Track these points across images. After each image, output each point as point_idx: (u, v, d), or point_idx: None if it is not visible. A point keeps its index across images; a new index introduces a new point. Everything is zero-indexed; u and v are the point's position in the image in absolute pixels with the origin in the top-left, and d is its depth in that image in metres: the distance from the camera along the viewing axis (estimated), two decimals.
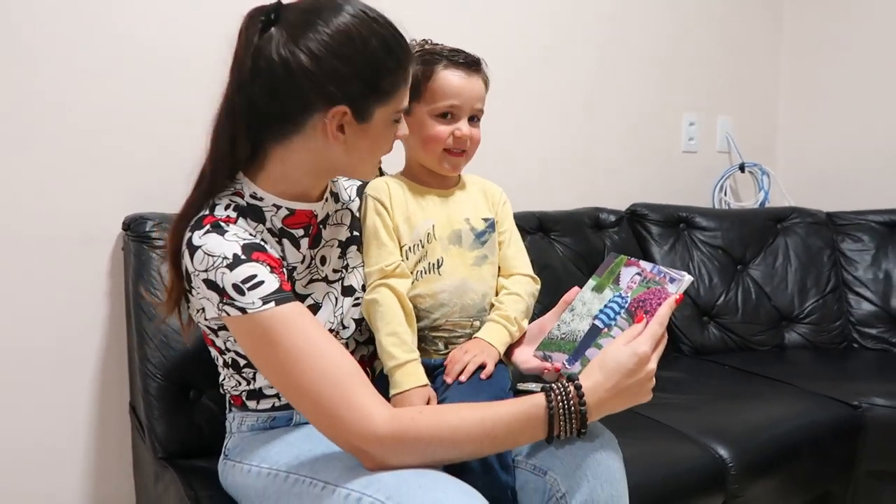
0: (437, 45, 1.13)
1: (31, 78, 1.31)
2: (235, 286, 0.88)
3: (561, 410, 0.88)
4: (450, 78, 1.09)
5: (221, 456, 1.09)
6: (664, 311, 0.95)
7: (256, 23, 0.90)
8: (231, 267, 0.88)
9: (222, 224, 0.92)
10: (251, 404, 1.05)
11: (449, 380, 1.04)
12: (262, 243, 0.93)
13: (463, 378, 1.03)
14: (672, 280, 0.99)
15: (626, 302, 1.01)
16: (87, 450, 1.43)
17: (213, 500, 1.09)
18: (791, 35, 2.55)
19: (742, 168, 2.42)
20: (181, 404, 1.28)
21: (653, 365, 0.92)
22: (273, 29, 0.89)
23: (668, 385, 1.71)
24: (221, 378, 1.08)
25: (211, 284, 0.89)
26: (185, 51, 1.45)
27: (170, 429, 1.27)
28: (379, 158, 1.01)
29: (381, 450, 0.85)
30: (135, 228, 1.35)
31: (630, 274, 1.04)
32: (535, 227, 1.90)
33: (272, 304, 0.88)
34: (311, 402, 0.87)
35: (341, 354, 0.89)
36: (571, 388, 0.89)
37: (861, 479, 1.61)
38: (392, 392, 1.01)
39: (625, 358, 0.90)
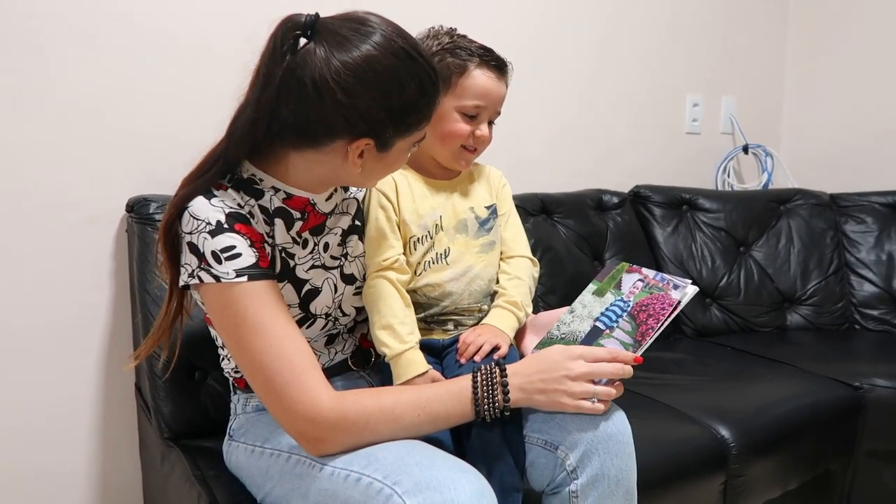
0: (464, 36, 1.13)
1: (35, 59, 1.31)
2: (214, 253, 0.89)
3: (485, 385, 0.93)
4: (482, 78, 1.10)
5: (226, 436, 1.11)
6: (619, 353, 0.97)
7: (290, 35, 0.87)
8: (213, 234, 0.89)
9: (212, 189, 0.92)
10: None
11: (463, 360, 1.06)
12: (248, 216, 0.93)
13: (478, 358, 1.05)
14: (676, 287, 1.01)
15: (629, 306, 1.02)
16: (93, 430, 1.45)
17: (218, 480, 1.10)
18: (796, 16, 2.53)
19: (746, 149, 2.41)
20: (187, 385, 1.29)
21: (576, 367, 0.93)
22: (308, 46, 0.87)
23: (671, 366, 1.72)
24: (221, 359, 1.10)
25: (192, 248, 0.90)
26: (194, 34, 1.45)
27: (175, 409, 1.28)
28: (388, 175, 1.03)
29: (322, 430, 0.89)
30: (138, 210, 1.35)
31: (632, 280, 1.06)
32: (537, 208, 1.90)
33: (245, 278, 0.89)
34: (265, 378, 0.89)
35: (300, 340, 0.91)
36: (496, 367, 0.95)
37: (861, 458, 1.63)
38: (395, 383, 1.03)
39: (554, 351, 0.96)
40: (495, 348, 1.06)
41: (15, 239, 1.33)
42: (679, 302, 1.00)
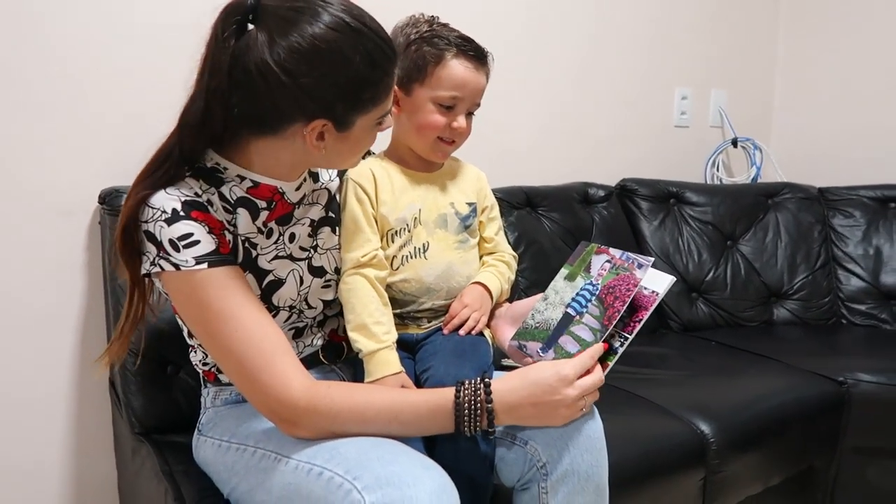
0: (444, 25, 1.10)
1: (6, 52, 1.28)
2: (171, 241, 0.88)
3: (467, 406, 0.89)
4: (459, 69, 1.07)
5: (195, 431, 1.09)
6: (595, 350, 0.95)
7: (232, 21, 0.85)
8: (169, 222, 0.88)
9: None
10: (223, 378, 1.05)
11: (446, 331, 1.08)
12: (206, 204, 0.91)
13: (462, 332, 1.07)
14: (640, 266, 0.99)
15: (597, 289, 1.01)
16: (68, 425, 1.43)
17: (187, 475, 1.09)
18: (788, 8, 2.51)
19: (735, 143, 2.39)
20: (158, 380, 1.28)
21: (572, 391, 0.91)
22: (251, 31, 0.85)
23: (654, 361, 1.71)
24: (190, 352, 1.08)
25: (150, 236, 0.89)
26: (161, 22, 1.42)
27: (147, 404, 1.26)
28: (360, 154, 0.99)
29: (295, 415, 0.88)
30: (110, 202, 1.33)
31: (600, 262, 1.04)
32: (522, 201, 1.88)
33: (205, 265, 0.88)
34: (235, 364, 0.89)
35: (268, 323, 0.91)
36: (481, 386, 0.90)
37: (845, 454, 1.62)
38: (366, 380, 1.01)
39: (546, 374, 0.91)
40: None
41: None
42: (657, 293, 0.98)
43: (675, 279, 1.00)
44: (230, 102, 0.87)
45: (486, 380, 0.91)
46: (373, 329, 1.01)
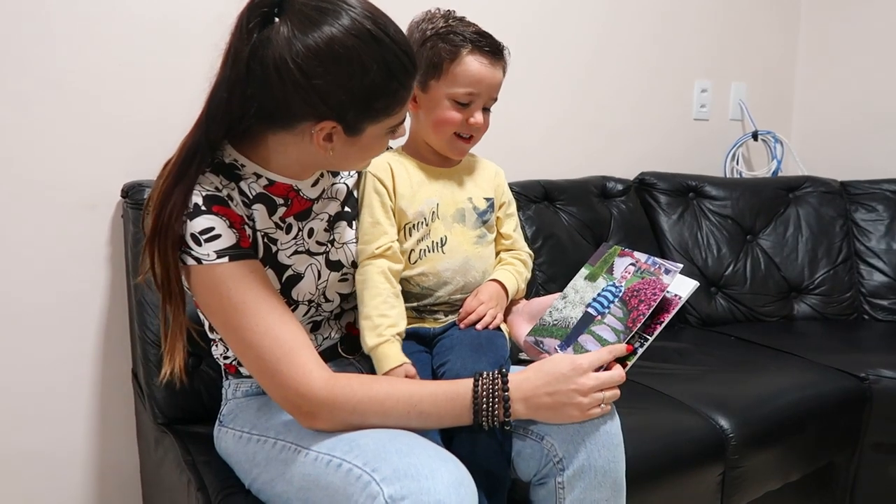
0: (460, 19, 1.10)
1: (30, 45, 1.30)
2: (193, 236, 0.89)
3: (484, 396, 0.90)
4: (474, 65, 1.07)
5: (217, 422, 1.11)
6: (616, 348, 0.95)
7: (257, 14, 0.86)
8: (191, 216, 0.89)
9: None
10: (244, 370, 1.06)
11: (462, 326, 1.09)
12: (227, 199, 0.92)
13: (479, 327, 1.07)
14: (667, 271, 0.99)
15: (621, 291, 1.01)
16: (91, 416, 1.45)
17: (209, 466, 1.10)
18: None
19: (755, 136, 2.37)
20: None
21: (587, 381, 0.91)
22: (274, 25, 0.85)
23: (673, 355, 1.70)
24: (212, 345, 1.09)
25: None
26: (184, 16, 1.44)
27: (169, 395, 1.28)
28: (369, 159, 1.00)
29: (314, 408, 0.89)
30: (133, 196, 1.35)
31: (624, 264, 1.04)
32: (540, 195, 1.88)
33: (226, 258, 0.89)
34: (255, 357, 0.90)
35: (288, 317, 0.92)
36: (498, 377, 0.91)
37: (866, 450, 1.60)
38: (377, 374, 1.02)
39: (561, 364, 0.93)
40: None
41: (11, 225, 1.33)
42: (679, 297, 0.98)
43: (698, 284, 1.00)
44: (246, 93, 0.88)
45: (504, 372, 0.92)
46: (377, 321, 1.01)
